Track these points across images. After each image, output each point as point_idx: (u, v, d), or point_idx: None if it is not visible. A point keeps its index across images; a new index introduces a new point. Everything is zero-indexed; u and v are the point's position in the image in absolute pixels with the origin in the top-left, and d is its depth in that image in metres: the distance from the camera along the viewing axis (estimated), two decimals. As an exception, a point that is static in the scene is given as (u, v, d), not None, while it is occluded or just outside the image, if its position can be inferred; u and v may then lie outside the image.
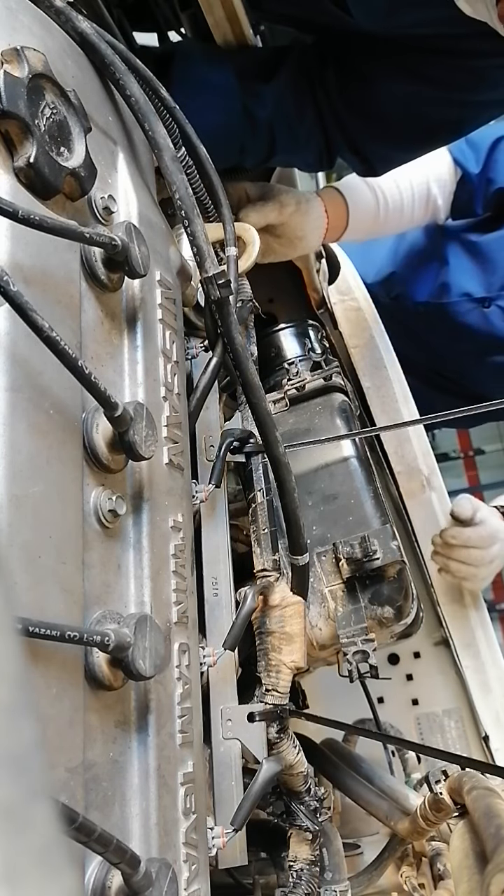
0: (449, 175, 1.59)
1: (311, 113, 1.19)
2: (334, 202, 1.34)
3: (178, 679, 0.61)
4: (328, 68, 1.19)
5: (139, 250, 0.61)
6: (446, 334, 1.78)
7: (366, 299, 1.60)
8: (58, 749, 0.44)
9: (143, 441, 0.56)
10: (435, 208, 1.59)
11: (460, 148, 1.59)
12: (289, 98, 1.15)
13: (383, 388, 1.53)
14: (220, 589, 0.75)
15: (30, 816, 0.19)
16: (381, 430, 1.48)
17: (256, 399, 0.75)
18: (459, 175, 1.59)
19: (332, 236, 1.37)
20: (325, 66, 1.19)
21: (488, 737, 1.37)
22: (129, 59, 0.72)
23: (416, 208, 1.54)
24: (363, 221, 1.41)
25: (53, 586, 0.46)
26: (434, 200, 1.56)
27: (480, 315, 1.70)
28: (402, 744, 1.05)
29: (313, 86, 1.19)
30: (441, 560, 1.41)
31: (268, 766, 0.70)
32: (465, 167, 1.57)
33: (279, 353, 1.20)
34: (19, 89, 0.50)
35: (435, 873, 0.95)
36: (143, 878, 0.46)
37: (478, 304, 1.70)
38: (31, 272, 0.50)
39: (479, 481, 5.14)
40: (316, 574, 0.91)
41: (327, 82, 1.19)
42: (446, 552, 1.40)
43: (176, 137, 0.78)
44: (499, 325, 1.66)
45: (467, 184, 1.59)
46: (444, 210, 1.61)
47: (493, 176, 1.58)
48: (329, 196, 1.34)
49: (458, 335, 1.77)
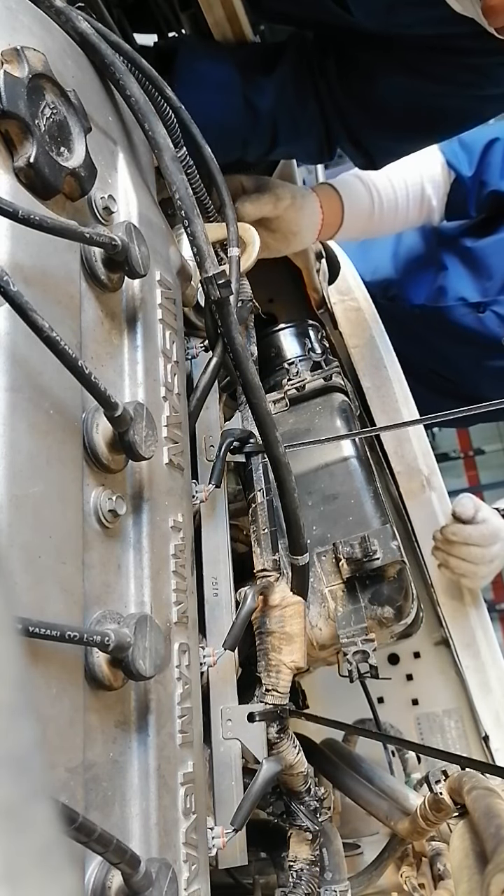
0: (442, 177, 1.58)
1: (313, 103, 1.19)
2: (330, 199, 1.34)
3: (178, 679, 0.61)
4: (329, 59, 1.19)
5: (139, 250, 0.61)
6: (443, 337, 1.78)
7: (366, 299, 1.60)
8: (58, 749, 0.44)
9: (143, 441, 0.56)
10: (430, 209, 1.58)
11: (453, 150, 1.58)
12: (290, 88, 1.15)
13: (383, 388, 1.53)
14: (220, 589, 0.75)
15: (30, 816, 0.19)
16: (381, 430, 1.48)
17: (256, 399, 0.75)
18: (453, 177, 1.58)
19: (327, 233, 1.36)
20: (326, 57, 1.19)
21: (488, 737, 1.37)
22: (135, 59, 0.73)
23: (411, 208, 1.53)
24: (358, 219, 1.40)
25: (53, 586, 0.46)
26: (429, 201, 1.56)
27: (476, 320, 1.70)
28: (402, 744, 1.05)
29: (314, 76, 1.19)
30: (441, 556, 1.42)
31: (268, 766, 0.70)
32: (458, 170, 1.57)
33: (279, 353, 1.20)
34: (19, 89, 0.50)
35: (435, 873, 0.95)
36: (143, 878, 0.46)
37: (473, 309, 1.70)
38: (31, 272, 0.50)
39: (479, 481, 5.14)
40: (316, 574, 0.91)
41: (328, 72, 1.18)
42: (447, 548, 1.40)
43: (178, 137, 0.78)
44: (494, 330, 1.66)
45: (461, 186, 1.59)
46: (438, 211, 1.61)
47: (486, 178, 1.58)
48: (324, 192, 1.34)
49: (454, 339, 1.77)
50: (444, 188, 1.58)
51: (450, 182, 1.58)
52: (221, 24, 1.11)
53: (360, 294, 1.60)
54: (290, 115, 1.16)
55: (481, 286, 1.69)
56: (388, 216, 1.48)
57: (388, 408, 1.50)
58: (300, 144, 1.24)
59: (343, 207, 1.36)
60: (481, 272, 1.69)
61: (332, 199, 1.35)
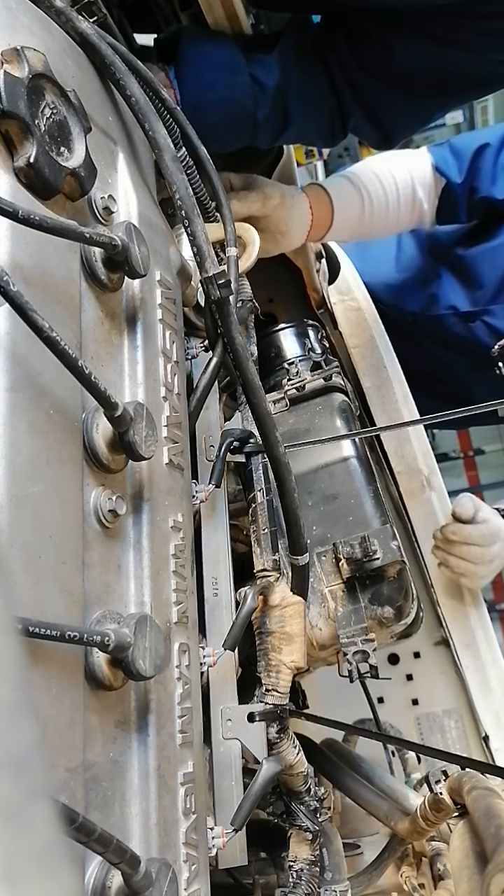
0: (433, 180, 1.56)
1: (321, 77, 1.17)
2: (319, 199, 1.33)
3: (178, 679, 0.61)
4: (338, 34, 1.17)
5: (139, 250, 0.61)
6: (436, 344, 1.78)
7: (366, 299, 1.60)
8: (58, 749, 0.44)
9: (143, 441, 0.56)
10: (421, 212, 1.56)
11: (443, 156, 1.56)
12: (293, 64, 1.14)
13: (383, 388, 1.53)
14: (220, 589, 0.75)
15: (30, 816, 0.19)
16: (381, 430, 1.48)
17: (256, 399, 0.75)
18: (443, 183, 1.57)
19: (317, 234, 1.35)
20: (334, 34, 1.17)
21: (488, 737, 1.37)
22: (131, 61, 0.73)
23: (402, 211, 1.51)
24: (348, 220, 1.39)
25: (53, 586, 0.46)
26: (420, 203, 1.54)
27: (466, 329, 1.69)
28: (402, 744, 1.05)
29: (321, 51, 1.17)
30: (441, 555, 1.42)
31: (268, 766, 0.70)
32: (447, 176, 1.55)
33: (279, 353, 1.20)
34: (19, 89, 0.50)
35: (435, 873, 0.95)
36: (143, 878, 0.46)
37: (463, 319, 1.69)
38: (31, 272, 0.50)
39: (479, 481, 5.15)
40: (316, 574, 0.91)
41: (337, 47, 1.16)
42: (446, 547, 1.40)
43: (176, 138, 0.78)
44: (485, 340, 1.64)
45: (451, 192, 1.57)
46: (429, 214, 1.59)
47: (476, 184, 1.56)
48: (314, 193, 1.32)
49: (446, 346, 1.76)
50: (435, 192, 1.57)
51: (440, 187, 1.57)
52: (221, 23, 1.11)
53: (360, 294, 1.60)
54: (298, 90, 1.14)
55: (472, 296, 1.68)
56: (378, 218, 1.46)
57: (388, 408, 1.51)
58: (311, 122, 1.21)
59: (333, 208, 1.34)
60: (472, 281, 1.67)
61: (321, 199, 1.33)
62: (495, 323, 1.63)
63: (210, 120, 1.05)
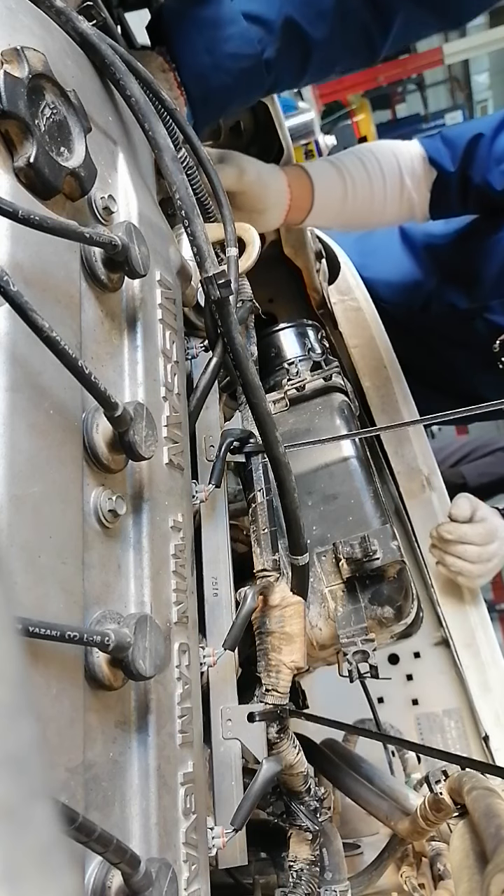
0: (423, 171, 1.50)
1: None
2: (299, 179, 1.27)
3: (178, 679, 0.61)
4: None
5: (139, 250, 0.61)
6: (438, 341, 1.77)
7: (366, 299, 1.60)
8: (58, 749, 0.44)
9: (143, 441, 0.56)
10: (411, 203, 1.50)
11: (436, 147, 1.51)
12: None
13: (383, 388, 1.53)
14: (220, 589, 0.75)
15: (30, 816, 0.19)
16: (381, 430, 1.48)
17: (256, 399, 0.75)
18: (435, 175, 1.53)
19: (296, 216, 1.29)
20: None
21: (488, 737, 1.37)
22: (130, 62, 0.73)
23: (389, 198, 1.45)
24: (330, 203, 1.34)
25: (53, 586, 0.46)
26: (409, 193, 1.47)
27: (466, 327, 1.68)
28: (402, 744, 1.05)
29: None
30: (437, 553, 1.42)
31: (268, 766, 0.70)
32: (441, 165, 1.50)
33: (279, 353, 1.20)
34: (19, 89, 0.50)
35: (435, 873, 0.95)
36: (143, 878, 0.46)
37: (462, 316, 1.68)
38: (31, 272, 0.50)
39: (479, 481, 5.13)
40: (316, 574, 0.91)
41: None
42: (442, 546, 1.40)
43: (176, 138, 0.78)
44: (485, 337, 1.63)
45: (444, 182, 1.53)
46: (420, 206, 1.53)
47: (471, 173, 1.51)
48: (294, 172, 1.27)
49: (447, 343, 1.76)
50: (426, 184, 1.52)
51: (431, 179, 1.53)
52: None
53: (360, 294, 1.60)
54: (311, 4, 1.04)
55: (470, 293, 1.67)
56: (362, 203, 1.40)
57: (388, 408, 1.51)
58: (338, 39, 1.08)
59: (313, 190, 1.29)
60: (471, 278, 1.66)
61: (301, 179, 1.28)
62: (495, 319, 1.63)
63: (219, 82, 1.00)
